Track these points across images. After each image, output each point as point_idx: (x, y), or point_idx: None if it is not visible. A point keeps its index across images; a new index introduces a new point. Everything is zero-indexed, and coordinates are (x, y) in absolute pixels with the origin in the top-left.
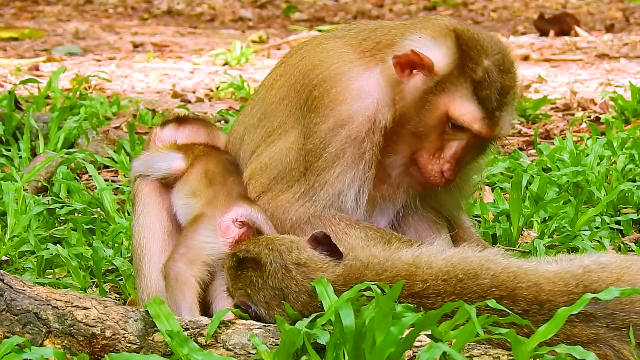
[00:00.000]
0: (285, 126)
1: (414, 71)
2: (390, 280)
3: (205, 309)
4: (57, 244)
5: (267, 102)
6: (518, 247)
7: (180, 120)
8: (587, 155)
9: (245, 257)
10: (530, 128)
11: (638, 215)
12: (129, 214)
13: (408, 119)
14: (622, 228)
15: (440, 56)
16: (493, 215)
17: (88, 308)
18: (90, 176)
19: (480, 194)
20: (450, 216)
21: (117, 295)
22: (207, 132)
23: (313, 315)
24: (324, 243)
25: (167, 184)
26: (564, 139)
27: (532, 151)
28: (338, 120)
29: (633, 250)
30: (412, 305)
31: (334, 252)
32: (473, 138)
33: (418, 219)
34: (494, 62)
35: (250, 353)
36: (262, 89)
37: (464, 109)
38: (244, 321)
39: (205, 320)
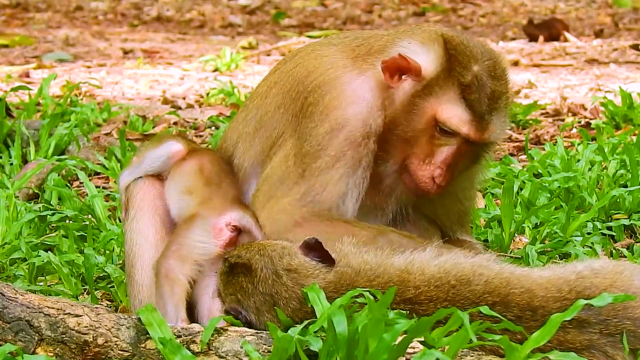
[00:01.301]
0: (284, 135)
1: (403, 76)
2: (382, 286)
3: (190, 308)
4: (49, 251)
5: (263, 110)
6: (510, 253)
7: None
8: (578, 160)
9: (237, 262)
10: (520, 133)
11: (630, 220)
12: (120, 221)
13: (397, 124)
14: (614, 234)
15: (428, 60)
16: (485, 221)
17: (80, 315)
18: (81, 183)
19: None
20: (445, 227)
21: (109, 303)
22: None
23: (306, 322)
24: (315, 249)
25: (162, 180)
26: (554, 145)
27: (523, 157)
28: (334, 124)
29: (625, 256)
30: (404, 312)
31: (326, 259)
32: (464, 143)
33: (409, 227)
34: (484, 68)
35: None
36: (256, 97)
37: (452, 111)
38: (236, 328)
39: (197, 327)
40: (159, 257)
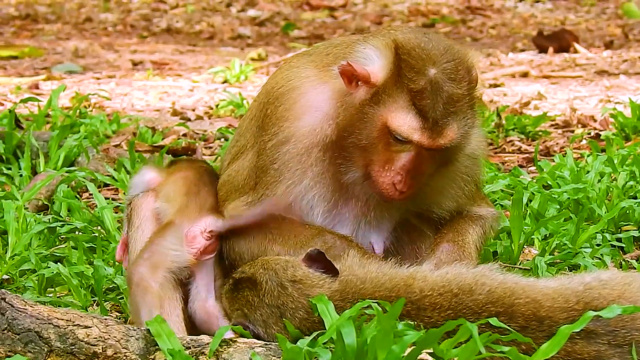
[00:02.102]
0: (247, 145)
1: (359, 82)
2: (388, 293)
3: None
4: (58, 263)
5: (243, 122)
6: (519, 265)
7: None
8: (588, 172)
9: (241, 277)
10: (530, 145)
11: (639, 232)
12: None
13: (351, 132)
14: (623, 245)
15: (378, 67)
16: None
17: (89, 327)
18: (90, 194)
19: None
20: (455, 211)
21: (118, 314)
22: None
23: (315, 334)
24: (318, 260)
25: None
26: (564, 156)
27: (533, 168)
28: (281, 137)
29: (634, 268)
30: (412, 323)
31: (329, 270)
32: (422, 149)
33: (406, 230)
34: (443, 70)
35: None
36: (248, 110)
37: (401, 119)
38: (245, 339)
39: (206, 338)
40: (132, 264)
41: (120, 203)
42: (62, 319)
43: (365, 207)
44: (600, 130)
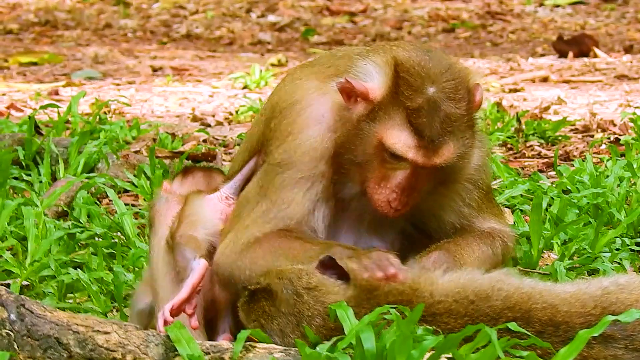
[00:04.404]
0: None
1: (358, 98)
2: (400, 297)
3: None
4: (78, 269)
5: (250, 137)
6: (538, 270)
7: (185, 172)
8: (607, 176)
9: (256, 289)
10: (549, 150)
11: None
12: (149, 239)
13: (348, 148)
14: None
15: (377, 84)
16: None
17: (109, 333)
18: (110, 200)
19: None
20: (462, 225)
21: None
22: (207, 181)
23: (334, 339)
24: (331, 267)
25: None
26: (583, 161)
27: (552, 173)
28: (286, 151)
29: None
30: (431, 328)
31: (342, 275)
32: (418, 167)
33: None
34: (442, 90)
35: None
36: (253, 123)
37: (397, 137)
38: (264, 345)
39: (226, 344)
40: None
41: (140, 209)
42: (82, 325)
43: (364, 219)
44: (620, 135)
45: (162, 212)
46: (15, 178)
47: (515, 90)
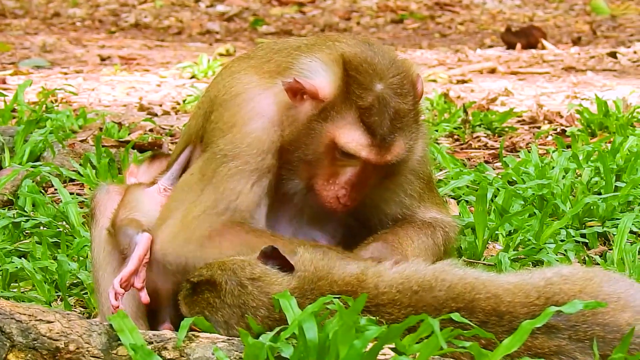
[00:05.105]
0: (197, 155)
1: (305, 96)
2: (342, 289)
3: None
4: (22, 258)
5: (188, 131)
6: (483, 260)
7: (152, 158)
8: (553, 168)
9: (199, 280)
10: (496, 141)
11: (603, 228)
12: (90, 229)
13: (298, 145)
14: (587, 241)
15: (325, 83)
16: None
17: (52, 322)
18: (55, 190)
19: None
20: (404, 214)
21: (82, 309)
22: None
23: (277, 329)
24: (274, 257)
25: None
26: (529, 152)
27: (498, 164)
28: (230, 145)
29: (598, 264)
30: (374, 319)
31: (285, 265)
32: (368, 164)
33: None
34: (389, 86)
35: None
36: (191, 116)
37: (349, 136)
38: (207, 334)
39: (169, 333)
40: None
41: (85, 198)
42: (25, 314)
43: (304, 212)
44: (566, 127)
45: (103, 203)
46: None
47: (463, 82)
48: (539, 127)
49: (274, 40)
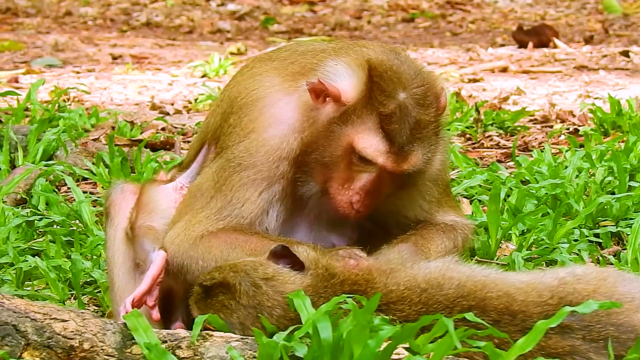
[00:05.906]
0: (212, 156)
1: (327, 99)
2: (356, 286)
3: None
4: (36, 256)
5: (206, 128)
6: (496, 260)
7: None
8: (566, 167)
9: (212, 284)
10: (508, 140)
11: (617, 228)
12: (105, 229)
13: (317, 147)
14: (600, 241)
15: (349, 86)
16: None
17: (66, 320)
18: (69, 188)
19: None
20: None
21: (96, 308)
22: None
23: (291, 328)
24: (284, 256)
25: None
26: (542, 151)
27: (511, 163)
28: (248, 150)
29: (612, 263)
30: (388, 318)
31: (296, 264)
32: (384, 171)
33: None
34: (412, 95)
35: None
36: (209, 114)
37: (368, 142)
38: (222, 333)
39: (183, 332)
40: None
41: (98, 197)
42: (39, 313)
43: (322, 216)
44: (579, 126)
45: (118, 203)
46: None
47: (475, 81)
48: (551, 127)
49: (296, 42)
